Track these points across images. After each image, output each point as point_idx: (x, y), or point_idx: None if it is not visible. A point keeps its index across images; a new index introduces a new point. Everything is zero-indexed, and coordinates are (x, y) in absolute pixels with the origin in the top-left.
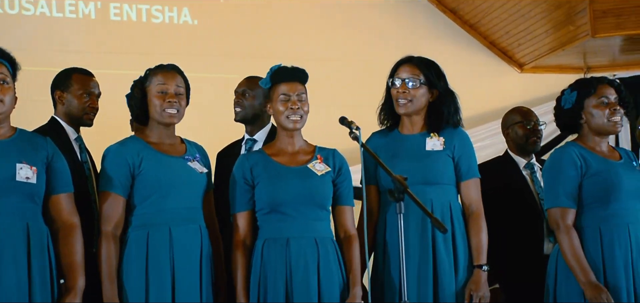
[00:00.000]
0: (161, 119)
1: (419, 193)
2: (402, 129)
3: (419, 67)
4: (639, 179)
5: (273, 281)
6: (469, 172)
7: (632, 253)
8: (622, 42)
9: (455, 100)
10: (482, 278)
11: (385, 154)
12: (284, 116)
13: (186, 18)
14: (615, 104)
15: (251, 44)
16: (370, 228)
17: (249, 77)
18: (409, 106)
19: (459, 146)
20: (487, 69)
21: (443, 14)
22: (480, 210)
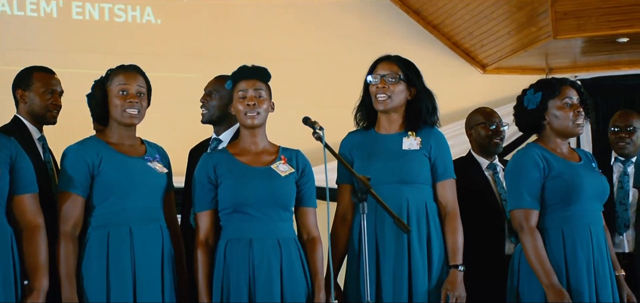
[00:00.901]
0: (122, 120)
1: (395, 192)
2: (379, 128)
3: (398, 64)
4: (598, 181)
5: (236, 281)
6: (445, 173)
7: (593, 254)
8: (583, 43)
9: (433, 99)
10: (458, 278)
11: (361, 153)
12: (242, 114)
13: (149, 17)
14: (578, 106)
15: (215, 43)
16: (346, 227)
17: (218, 76)
18: (387, 102)
19: (435, 146)
20: (451, 69)
21: (407, 14)
22: (456, 211)
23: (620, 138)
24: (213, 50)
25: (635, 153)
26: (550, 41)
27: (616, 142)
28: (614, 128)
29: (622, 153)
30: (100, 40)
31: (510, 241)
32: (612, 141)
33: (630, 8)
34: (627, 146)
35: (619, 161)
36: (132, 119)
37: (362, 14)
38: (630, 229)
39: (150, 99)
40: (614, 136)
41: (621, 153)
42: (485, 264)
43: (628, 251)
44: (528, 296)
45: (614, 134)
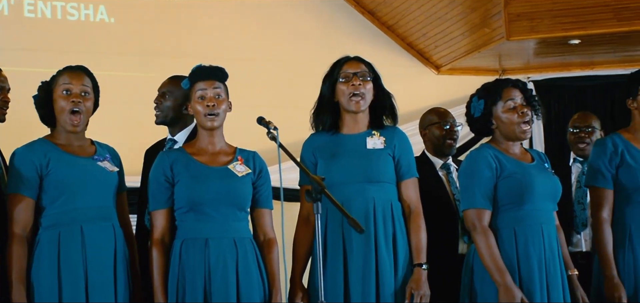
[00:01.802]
0: (65, 121)
1: (361, 191)
2: (343, 129)
3: (364, 63)
4: (551, 181)
5: (191, 281)
6: (409, 171)
7: (545, 253)
8: (536, 45)
9: (391, 99)
10: (422, 277)
11: (325, 154)
12: (202, 115)
13: (103, 16)
14: (522, 107)
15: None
16: (310, 228)
17: (171, 77)
18: (361, 102)
19: (399, 145)
20: (405, 70)
21: (361, 15)
22: (420, 210)
23: (580, 139)
24: (167, 49)
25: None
26: (503, 42)
27: (576, 142)
28: (574, 128)
29: (582, 154)
30: (52, 38)
31: (463, 241)
32: (572, 142)
33: (582, 10)
34: (587, 146)
35: (577, 162)
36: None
37: (316, 14)
38: (588, 228)
39: (97, 99)
40: (574, 137)
41: (581, 153)
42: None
43: (585, 250)
44: (482, 295)
45: (573, 135)
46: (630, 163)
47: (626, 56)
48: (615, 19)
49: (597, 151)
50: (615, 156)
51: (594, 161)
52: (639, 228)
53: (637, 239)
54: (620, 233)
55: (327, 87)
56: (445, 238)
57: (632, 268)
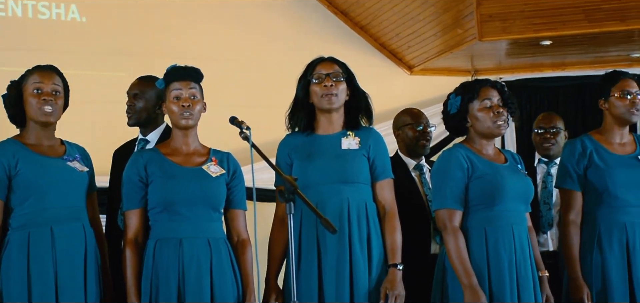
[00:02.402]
0: (37, 118)
1: (335, 192)
2: (318, 130)
3: (338, 64)
4: (523, 182)
5: (165, 281)
6: (384, 172)
7: (516, 254)
8: (508, 46)
9: (368, 100)
10: (397, 277)
11: (300, 154)
12: (177, 115)
13: (74, 15)
14: (498, 107)
15: (141, 42)
16: (286, 228)
17: (141, 78)
18: (334, 101)
19: (374, 146)
20: (378, 70)
21: (334, 15)
22: (395, 210)
23: (545, 139)
24: (139, 49)
25: (559, 154)
26: (475, 43)
27: (541, 143)
28: (539, 129)
29: (547, 154)
30: (23, 37)
31: (435, 241)
32: (537, 143)
33: (553, 11)
34: (552, 147)
35: (542, 162)
36: (47, 117)
37: (289, 14)
38: (554, 228)
39: (67, 100)
40: (539, 138)
41: (546, 153)
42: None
43: (552, 250)
44: (453, 296)
45: (538, 135)
46: (599, 164)
47: (597, 57)
48: (587, 21)
49: (567, 152)
50: (583, 157)
51: (563, 162)
52: (608, 229)
53: (606, 240)
54: (590, 234)
55: (301, 88)
56: (418, 238)
57: (601, 269)
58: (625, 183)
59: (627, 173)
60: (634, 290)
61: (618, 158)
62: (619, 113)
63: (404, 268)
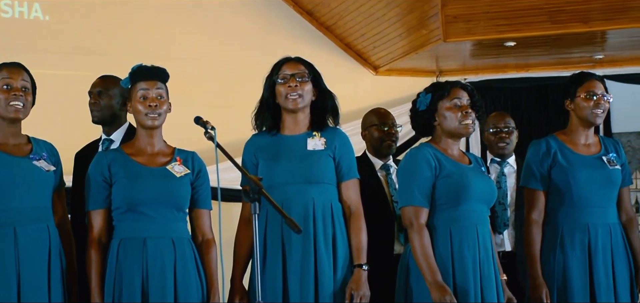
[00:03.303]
0: (6, 114)
1: (301, 192)
2: (284, 130)
3: (304, 64)
4: (487, 183)
5: (129, 281)
6: (349, 173)
7: (479, 254)
8: (472, 47)
9: (334, 100)
10: (362, 278)
11: (266, 155)
12: (143, 115)
13: (37, 13)
14: (467, 107)
15: (105, 41)
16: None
17: (103, 76)
18: (299, 101)
19: (339, 146)
20: (343, 71)
21: (300, 15)
22: (360, 210)
23: (501, 139)
24: (103, 48)
25: (511, 153)
26: (440, 43)
27: (496, 142)
28: (493, 128)
29: (502, 153)
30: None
31: (399, 241)
32: (492, 142)
33: (517, 13)
34: (507, 146)
35: (495, 162)
36: (17, 113)
37: (255, 14)
38: (510, 228)
39: (35, 97)
40: (495, 137)
41: (501, 153)
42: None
43: (508, 250)
44: (417, 295)
45: (494, 135)
46: (563, 164)
47: (560, 58)
48: (550, 22)
49: (532, 152)
50: (547, 157)
51: (528, 162)
52: (570, 229)
53: (569, 240)
54: (552, 234)
55: (267, 88)
56: (382, 238)
57: (562, 269)
58: (588, 183)
59: (591, 173)
60: (594, 291)
61: (582, 158)
62: (584, 114)
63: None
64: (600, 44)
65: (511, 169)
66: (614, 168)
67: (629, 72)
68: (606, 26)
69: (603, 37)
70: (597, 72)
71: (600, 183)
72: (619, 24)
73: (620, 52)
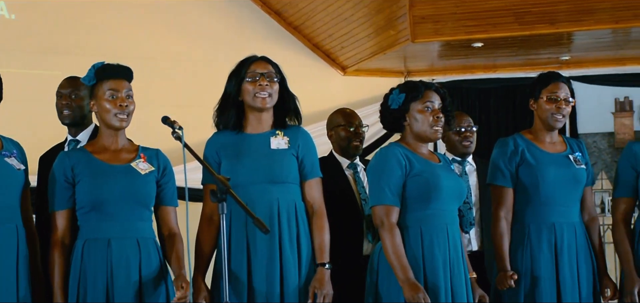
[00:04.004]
0: None
1: (265, 192)
2: (247, 128)
3: (272, 64)
4: (456, 182)
5: (93, 281)
6: (312, 172)
7: (450, 253)
8: (440, 47)
9: (296, 102)
10: (325, 276)
11: (229, 153)
12: (112, 114)
13: (3, 12)
14: (438, 111)
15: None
16: (213, 228)
17: (72, 78)
18: (268, 100)
19: (302, 145)
20: (312, 71)
21: (268, 15)
22: (323, 209)
23: (466, 138)
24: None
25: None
26: (408, 44)
27: (461, 142)
28: (458, 128)
29: (466, 152)
30: None
31: (367, 240)
32: (456, 142)
33: (485, 14)
34: (471, 145)
35: (456, 162)
36: None
37: (223, 14)
38: (475, 226)
39: (1, 94)
40: (460, 136)
41: (465, 152)
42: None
43: (476, 250)
44: (387, 294)
45: (459, 134)
46: (531, 162)
47: (528, 59)
48: (517, 23)
49: (499, 150)
50: (515, 155)
51: (495, 160)
52: (537, 227)
53: (536, 238)
54: (520, 232)
55: (233, 85)
56: (350, 237)
57: (530, 267)
58: (556, 181)
59: (558, 171)
60: (560, 289)
61: (550, 156)
62: (544, 117)
63: (335, 268)
64: (566, 45)
65: (472, 168)
66: (579, 167)
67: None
68: (572, 28)
69: (569, 38)
70: (564, 73)
71: (567, 182)
72: (585, 25)
73: (586, 54)
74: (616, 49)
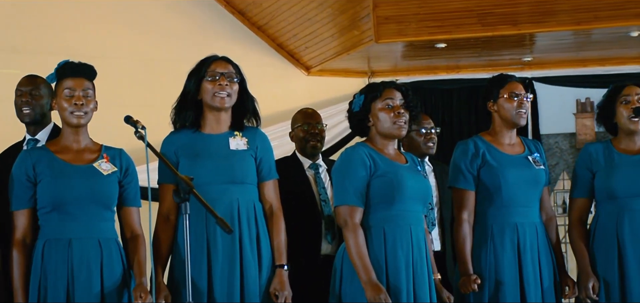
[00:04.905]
0: None
1: (225, 192)
2: (205, 128)
3: (232, 64)
4: (421, 183)
5: (53, 282)
6: (270, 173)
7: (413, 254)
8: (403, 48)
9: (255, 103)
10: (284, 278)
11: (187, 153)
12: (69, 112)
13: None
14: (399, 107)
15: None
16: (170, 227)
17: (32, 76)
18: (227, 100)
19: (261, 146)
20: (276, 71)
21: (232, 15)
22: (280, 211)
23: (430, 138)
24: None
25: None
26: (372, 44)
27: (426, 142)
28: (423, 129)
29: (428, 153)
30: None
31: (326, 240)
32: (420, 142)
33: (448, 15)
34: (434, 146)
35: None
36: None
37: (186, 13)
38: (437, 227)
39: None
40: (424, 137)
41: (428, 153)
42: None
43: (437, 250)
44: (350, 295)
45: (423, 135)
46: (492, 163)
47: (490, 60)
48: (480, 24)
49: (460, 152)
50: (476, 157)
51: (456, 162)
52: (500, 228)
53: (499, 239)
54: (482, 234)
55: (193, 84)
56: (309, 238)
57: (494, 269)
58: (517, 182)
59: (519, 173)
60: (524, 290)
61: (510, 158)
62: (508, 115)
63: (294, 268)
64: (529, 46)
65: (430, 169)
66: (539, 168)
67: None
68: (534, 29)
69: (531, 39)
70: (526, 75)
71: (527, 183)
72: (547, 26)
73: (548, 55)
74: (577, 50)
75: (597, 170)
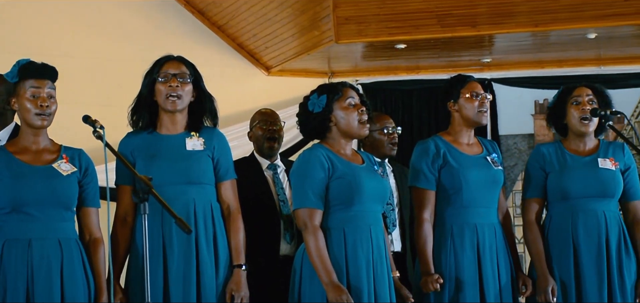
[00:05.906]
0: None
1: (181, 193)
2: (161, 129)
3: (186, 64)
4: (379, 183)
5: (13, 282)
6: (228, 173)
7: (373, 254)
8: (364, 48)
9: (213, 103)
10: (242, 278)
11: (143, 154)
12: (33, 114)
13: None
14: (361, 106)
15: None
16: (127, 228)
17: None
18: (178, 103)
19: (218, 146)
20: (235, 71)
21: (192, 14)
22: (238, 211)
23: (393, 138)
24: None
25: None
26: (332, 45)
27: (389, 143)
28: (386, 129)
29: (390, 154)
30: None
31: (285, 241)
32: (383, 143)
33: (408, 16)
34: (395, 146)
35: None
36: None
37: (146, 12)
38: (398, 228)
39: None
40: (388, 137)
41: (389, 154)
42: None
43: (397, 250)
44: (310, 296)
45: (387, 135)
46: (453, 164)
47: (450, 61)
48: (439, 25)
49: (420, 152)
50: (437, 157)
51: (417, 162)
52: (460, 228)
53: (459, 239)
54: (442, 234)
55: (146, 85)
56: (267, 238)
57: (454, 269)
58: (477, 183)
59: (479, 173)
60: (483, 290)
61: (470, 158)
62: (469, 114)
63: (252, 268)
64: (487, 47)
65: (389, 169)
66: (497, 169)
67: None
68: (493, 30)
69: (490, 40)
70: (485, 75)
71: (487, 184)
72: (506, 28)
73: (507, 56)
74: (536, 52)
75: (550, 171)
